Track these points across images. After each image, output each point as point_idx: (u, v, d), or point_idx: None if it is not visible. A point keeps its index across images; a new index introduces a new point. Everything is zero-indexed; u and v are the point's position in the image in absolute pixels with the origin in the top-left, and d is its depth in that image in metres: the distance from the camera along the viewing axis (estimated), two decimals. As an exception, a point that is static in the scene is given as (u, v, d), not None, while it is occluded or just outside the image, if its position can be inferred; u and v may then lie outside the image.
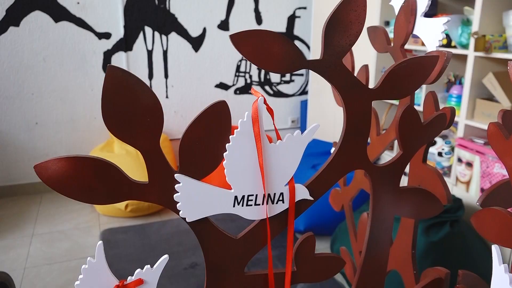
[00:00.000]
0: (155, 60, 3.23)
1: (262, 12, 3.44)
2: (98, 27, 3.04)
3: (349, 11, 0.76)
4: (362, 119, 0.81)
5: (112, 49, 3.10)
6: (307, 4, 3.55)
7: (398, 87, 0.81)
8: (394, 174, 0.86)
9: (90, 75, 3.09)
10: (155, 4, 3.14)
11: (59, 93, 3.05)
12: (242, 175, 0.77)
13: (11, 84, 2.93)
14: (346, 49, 0.77)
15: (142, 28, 3.14)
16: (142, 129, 0.72)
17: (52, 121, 3.08)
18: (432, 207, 0.89)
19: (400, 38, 1.02)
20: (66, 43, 2.99)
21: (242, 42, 0.73)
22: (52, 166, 0.71)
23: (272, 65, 0.75)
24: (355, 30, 0.77)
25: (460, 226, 2.04)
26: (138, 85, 0.71)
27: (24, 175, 3.10)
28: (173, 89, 3.33)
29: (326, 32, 0.76)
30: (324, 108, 3.35)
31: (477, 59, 2.21)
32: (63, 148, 3.15)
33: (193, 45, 3.30)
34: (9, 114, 2.97)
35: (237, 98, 3.54)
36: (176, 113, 3.38)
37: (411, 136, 0.84)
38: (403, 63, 0.80)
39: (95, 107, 3.16)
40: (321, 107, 3.39)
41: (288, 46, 0.75)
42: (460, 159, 2.32)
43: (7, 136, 3.00)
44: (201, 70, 3.37)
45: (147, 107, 0.72)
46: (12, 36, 2.86)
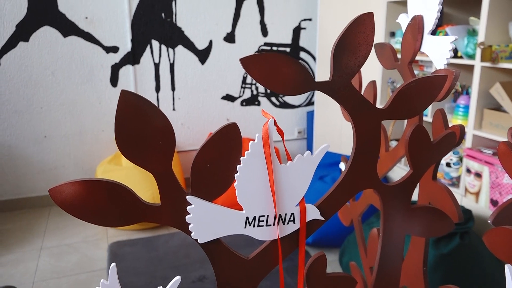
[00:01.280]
0: (162, 73, 3.26)
1: (268, 24, 3.46)
2: (106, 41, 3.07)
3: (357, 33, 0.77)
4: (372, 139, 0.81)
5: (119, 62, 3.14)
6: (312, 16, 3.57)
7: (407, 106, 0.81)
8: (404, 193, 0.86)
9: (98, 88, 3.13)
10: (162, 17, 3.17)
11: (67, 106, 3.08)
12: (253, 196, 0.78)
13: (20, 98, 2.97)
14: (355, 70, 0.78)
15: (149, 42, 3.18)
16: (155, 152, 0.73)
17: (61, 134, 3.11)
18: (443, 225, 0.89)
19: (407, 56, 1.03)
20: (74, 57, 3.03)
21: (252, 65, 0.74)
22: (66, 189, 0.72)
23: (281, 87, 0.76)
24: (363, 52, 0.78)
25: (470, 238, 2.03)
26: (150, 108, 0.72)
27: (33, 188, 3.12)
28: (180, 101, 3.35)
29: (335, 54, 0.77)
30: (330, 119, 3.35)
31: (484, 69, 2.21)
32: (71, 161, 3.18)
33: (200, 57, 3.33)
34: (19, 127, 3.00)
35: (243, 110, 3.56)
36: (183, 125, 3.40)
37: (421, 155, 0.84)
38: (412, 83, 0.80)
39: (103, 120, 3.18)
40: (327, 118, 3.39)
41: (297, 68, 0.76)
42: (468, 170, 2.30)
43: (16, 150, 3.03)
44: (207, 82, 3.40)
45: (159, 130, 0.73)
46: (21, 51, 2.90)
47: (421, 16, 0.99)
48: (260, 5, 3.41)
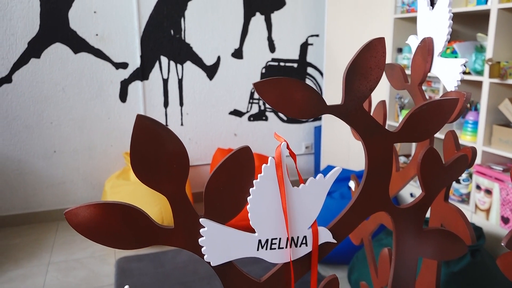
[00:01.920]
0: (170, 88, 3.29)
1: (275, 40, 3.50)
2: (115, 57, 3.12)
3: (369, 58, 0.78)
4: (384, 162, 0.82)
5: (129, 78, 3.18)
6: (320, 32, 3.60)
7: (418, 130, 0.81)
8: (416, 215, 0.86)
9: (107, 103, 3.16)
10: (171, 34, 3.22)
11: (77, 121, 3.11)
12: (265, 219, 0.78)
13: (31, 113, 3.01)
14: (367, 94, 0.79)
15: (158, 58, 3.22)
16: (169, 176, 0.74)
17: (70, 149, 3.14)
18: (456, 248, 0.88)
19: (417, 77, 1.04)
20: (84, 73, 3.07)
21: (265, 89, 0.75)
22: (81, 212, 0.72)
23: (294, 111, 0.77)
24: (375, 76, 0.79)
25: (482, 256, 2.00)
26: (165, 133, 0.73)
27: (42, 202, 3.14)
28: (188, 116, 3.38)
29: (347, 78, 0.78)
30: (338, 134, 3.36)
31: (492, 85, 2.22)
32: (80, 176, 3.20)
33: (208, 73, 3.37)
34: (29, 142, 3.04)
35: (251, 125, 3.57)
36: (191, 140, 3.42)
37: (433, 177, 0.84)
38: (423, 106, 0.81)
39: (112, 135, 3.21)
40: (334, 133, 3.40)
41: (310, 93, 0.77)
42: (478, 186, 2.29)
43: (26, 164, 3.06)
44: (215, 98, 3.42)
45: (174, 154, 0.74)
46: (33, 68, 2.95)
47: (431, 38, 1.00)
48: (267, 22, 3.45)
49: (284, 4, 3.46)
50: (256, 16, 3.41)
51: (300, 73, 3.64)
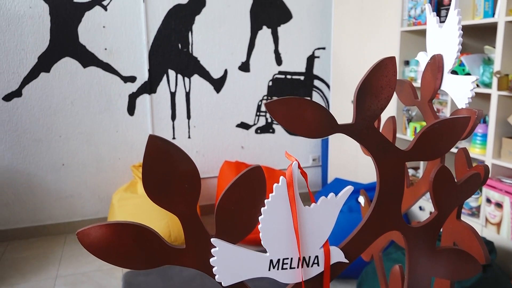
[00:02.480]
0: (178, 101, 3.31)
1: (282, 53, 3.52)
2: (124, 71, 3.15)
3: (380, 77, 0.78)
4: (395, 181, 0.81)
5: (137, 91, 3.20)
6: (326, 45, 3.62)
7: (430, 148, 0.81)
8: (429, 234, 0.85)
9: (115, 117, 3.18)
10: (179, 48, 3.25)
11: (85, 135, 3.14)
12: (277, 239, 0.78)
13: (40, 127, 3.04)
14: (378, 113, 0.79)
15: (165, 71, 3.25)
16: (180, 196, 0.74)
17: (78, 163, 3.15)
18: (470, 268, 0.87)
19: (427, 94, 1.04)
20: (93, 87, 3.10)
21: (277, 109, 0.76)
22: (93, 232, 0.73)
23: (306, 131, 0.77)
24: (386, 95, 0.79)
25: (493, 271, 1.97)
26: (177, 152, 0.73)
27: (50, 216, 3.15)
28: (195, 129, 3.39)
29: (358, 97, 0.78)
30: (345, 146, 3.35)
31: (501, 97, 2.21)
32: (87, 189, 3.21)
33: (215, 86, 3.39)
34: (37, 156, 3.06)
35: (258, 138, 3.58)
36: (198, 153, 3.43)
37: (446, 196, 0.84)
38: (435, 125, 0.80)
39: (120, 148, 3.23)
40: (342, 145, 3.39)
41: (321, 112, 0.77)
42: (488, 200, 2.26)
43: (34, 178, 3.08)
44: (222, 111, 3.44)
45: (185, 174, 0.74)
46: (43, 82, 2.99)
47: (440, 55, 1.00)
48: (274, 35, 3.47)
49: (290, 17, 3.49)
50: (263, 30, 3.43)
51: (307, 86, 3.65)
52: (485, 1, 2.34)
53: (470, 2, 2.42)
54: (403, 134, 2.86)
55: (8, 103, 2.94)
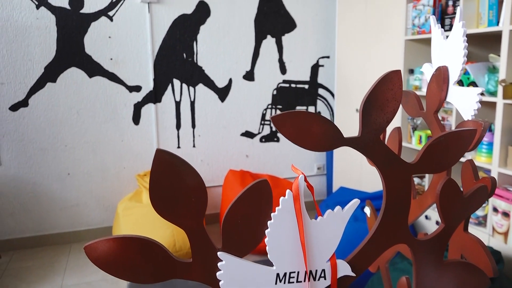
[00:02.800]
0: (182, 110, 3.33)
1: (286, 62, 3.53)
2: (129, 80, 3.17)
3: (385, 90, 0.78)
4: (402, 194, 0.81)
5: (142, 101, 3.22)
6: (330, 53, 3.63)
7: (437, 161, 0.81)
8: (437, 247, 0.84)
9: (120, 126, 3.20)
10: (183, 57, 3.27)
11: (91, 144, 3.15)
12: (283, 252, 0.78)
13: (46, 136, 3.06)
14: (384, 126, 0.79)
15: (170, 81, 3.27)
16: (187, 209, 0.74)
17: (83, 172, 3.17)
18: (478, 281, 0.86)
19: (433, 105, 1.04)
20: (98, 97, 3.12)
21: (283, 123, 0.76)
22: (100, 246, 0.73)
23: (312, 144, 0.77)
24: (391, 108, 0.79)
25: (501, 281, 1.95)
26: (184, 166, 0.74)
27: (55, 225, 3.16)
28: (200, 138, 3.40)
29: (364, 110, 0.78)
30: (350, 155, 3.34)
31: (506, 106, 2.20)
32: (92, 198, 3.22)
33: (219, 95, 3.40)
34: (43, 165, 3.08)
35: (262, 146, 3.58)
36: (203, 161, 3.44)
37: (453, 209, 0.83)
38: (441, 137, 0.80)
39: (125, 157, 3.24)
40: (347, 154, 3.38)
41: (327, 126, 0.77)
42: (495, 209, 2.25)
43: (40, 187, 3.09)
44: (227, 119, 3.45)
45: (192, 187, 0.74)
46: (49, 92, 3.01)
47: (446, 67, 1.00)
48: (278, 44, 3.49)
49: (295, 27, 3.51)
50: (267, 39, 3.45)
51: (311, 94, 3.66)
52: (489, 9, 2.34)
53: (474, 10, 2.43)
54: (408, 143, 2.85)
55: (14, 113, 2.96)
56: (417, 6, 2.69)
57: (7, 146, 2.98)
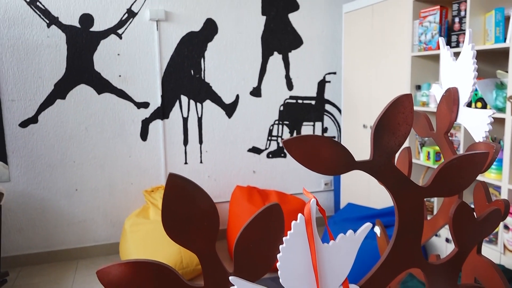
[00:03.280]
0: (190, 126, 3.34)
1: (293, 78, 3.55)
2: (137, 97, 3.20)
3: (397, 114, 0.78)
4: (415, 218, 0.80)
5: (149, 117, 3.25)
6: (337, 69, 3.65)
7: (449, 184, 0.81)
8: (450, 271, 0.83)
9: (128, 142, 3.22)
10: (191, 74, 3.30)
11: (98, 160, 3.17)
12: (296, 277, 0.77)
13: (55, 152, 3.08)
14: (395, 149, 0.79)
15: (178, 97, 3.29)
16: (199, 233, 0.74)
17: (91, 188, 3.18)
18: (493, 306, 0.85)
19: (443, 126, 1.04)
20: (107, 113, 3.15)
21: (294, 147, 0.76)
22: (113, 271, 0.73)
23: (323, 168, 0.77)
24: (403, 131, 0.79)
25: (513, 302, 1.92)
26: (196, 190, 0.74)
27: (62, 241, 3.16)
28: (207, 154, 3.41)
29: (375, 133, 0.78)
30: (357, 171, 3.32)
31: (515, 123, 2.19)
32: (100, 214, 3.22)
33: (227, 111, 3.42)
34: (52, 181, 3.09)
35: (269, 162, 3.58)
36: (210, 177, 3.44)
37: (466, 233, 0.82)
38: (453, 161, 0.80)
39: (132, 173, 3.25)
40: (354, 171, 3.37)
41: (338, 150, 0.77)
42: (506, 226, 2.22)
43: (48, 203, 3.10)
44: (234, 135, 3.46)
45: (204, 211, 0.74)
46: (58, 108, 3.05)
47: (455, 89, 1.00)
48: (285, 60, 3.51)
49: (301, 43, 3.53)
50: (274, 56, 3.48)
51: (318, 110, 3.67)
52: (496, 26, 2.35)
53: (481, 27, 2.44)
54: (416, 159, 2.84)
55: (24, 130, 3.00)
56: (423, 23, 2.71)
57: (17, 162, 3.01)
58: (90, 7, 3.02)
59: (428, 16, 2.67)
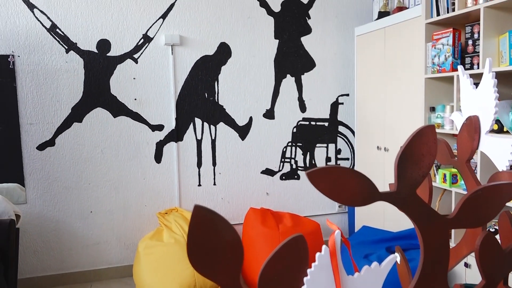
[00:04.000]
0: (204, 149, 3.37)
1: (306, 100, 3.57)
2: (152, 120, 3.24)
3: (420, 145, 0.78)
4: (440, 249, 0.79)
5: (164, 139, 3.28)
6: (350, 91, 3.66)
7: (475, 215, 0.80)
8: (478, 305, 0.82)
9: (143, 164, 3.25)
10: (205, 97, 3.34)
11: (113, 182, 3.20)
12: (320, 310, 0.76)
13: (71, 175, 3.12)
14: (419, 181, 0.79)
15: (192, 120, 3.33)
16: (224, 265, 0.74)
17: (106, 210, 3.20)
18: None
19: (465, 154, 1.03)
20: (122, 136, 3.19)
21: (319, 179, 0.76)
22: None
23: (348, 200, 0.77)
24: (427, 162, 0.79)
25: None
26: (221, 222, 0.75)
27: (76, 263, 3.16)
28: (220, 176, 3.42)
29: (399, 165, 0.78)
30: (371, 192, 3.29)
31: (533, 146, 2.16)
32: (114, 236, 3.23)
33: (240, 133, 3.44)
34: (67, 203, 3.12)
35: (283, 184, 3.57)
36: (223, 199, 3.44)
37: (493, 265, 0.81)
38: (478, 192, 0.79)
39: (146, 195, 3.27)
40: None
41: (362, 181, 0.77)
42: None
43: (63, 225, 3.12)
44: (247, 157, 3.47)
45: (229, 243, 0.74)
46: (75, 131, 3.10)
47: (477, 117, 1.00)
48: (298, 83, 3.54)
49: (314, 66, 3.57)
50: (287, 78, 3.51)
51: (331, 131, 3.67)
52: (510, 48, 2.35)
53: (495, 49, 2.44)
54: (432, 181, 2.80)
55: (41, 152, 3.04)
56: (436, 45, 2.72)
57: (33, 185, 3.05)
58: (107, 33, 3.10)
59: (441, 39, 2.69)
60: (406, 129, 2.98)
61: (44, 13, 2.97)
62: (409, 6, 3.12)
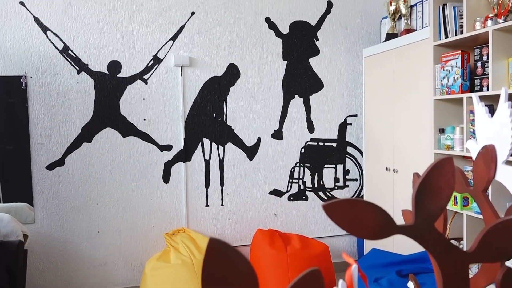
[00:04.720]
0: (212, 169, 3.36)
1: (314, 121, 3.58)
2: (161, 140, 3.26)
3: (438, 177, 0.77)
4: (460, 284, 0.78)
5: (172, 160, 3.28)
6: (358, 112, 3.67)
7: (495, 249, 0.78)
8: None
9: (151, 184, 3.25)
10: (213, 117, 3.36)
11: (121, 202, 3.19)
12: None
13: (79, 194, 3.12)
14: (438, 213, 0.77)
15: (201, 140, 3.34)
16: (239, 300, 0.73)
17: (113, 230, 3.19)
18: None
19: (481, 183, 1.02)
20: (131, 156, 3.20)
21: (335, 211, 0.75)
22: None
23: (364, 232, 0.76)
24: (445, 195, 0.78)
25: None
26: (236, 256, 0.73)
27: (83, 284, 3.14)
28: (228, 196, 3.40)
29: (417, 197, 0.77)
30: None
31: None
32: (121, 257, 3.21)
33: (248, 154, 3.44)
34: (75, 223, 3.12)
35: (291, 205, 3.55)
36: (231, 220, 3.41)
37: (515, 301, 0.79)
38: (498, 225, 0.78)
39: (154, 215, 3.26)
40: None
41: (380, 214, 0.76)
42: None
43: (70, 245, 3.11)
44: (255, 178, 3.46)
45: (244, 278, 0.73)
46: (84, 151, 3.11)
47: (493, 146, 0.99)
48: (306, 104, 3.55)
49: (322, 86, 3.58)
50: (295, 99, 3.53)
51: (340, 152, 3.66)
52: (519, 71, 2.34)
53: (504, 71, 2.44)
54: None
55: (50, 172, 3.06)
56: (445, 67, 2.72)
57: (42, 204, 3.05)
58: (118, 55, 3.15)
59: (449, 61, 2.69)
60: (414, 150, 2.96)
61: (57, 35, 3.03)
62: (417, 28, 3.14)
